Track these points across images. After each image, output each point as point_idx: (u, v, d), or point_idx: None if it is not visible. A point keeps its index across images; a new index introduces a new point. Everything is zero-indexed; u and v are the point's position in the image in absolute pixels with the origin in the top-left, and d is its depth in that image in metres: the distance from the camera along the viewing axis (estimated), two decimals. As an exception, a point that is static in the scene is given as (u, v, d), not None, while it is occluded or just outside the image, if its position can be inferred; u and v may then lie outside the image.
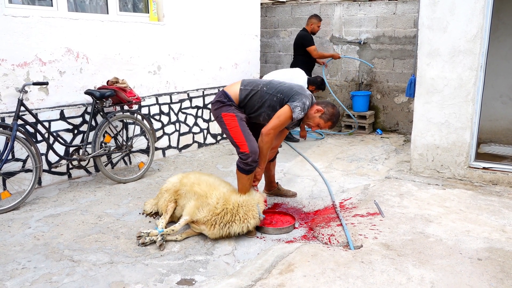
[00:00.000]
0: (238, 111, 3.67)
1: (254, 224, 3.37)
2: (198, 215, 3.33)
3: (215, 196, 3.37)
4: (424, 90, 4.78)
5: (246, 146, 3.54)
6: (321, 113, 3.62)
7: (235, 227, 3.30)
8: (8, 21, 4.08)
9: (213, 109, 3.75)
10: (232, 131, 3.60)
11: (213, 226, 3.29)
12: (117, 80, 4.78)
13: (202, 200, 3.37)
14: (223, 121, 3.64)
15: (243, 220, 3.32)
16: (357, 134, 7.31)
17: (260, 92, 3.66)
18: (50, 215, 3.81)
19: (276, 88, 3.66)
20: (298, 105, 3.50)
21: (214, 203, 3.33)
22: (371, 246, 3.21)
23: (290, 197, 4.32)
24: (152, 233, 3.29)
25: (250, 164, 3.54)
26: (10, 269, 2.90)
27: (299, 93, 3.58)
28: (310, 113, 3.63)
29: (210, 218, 3.29)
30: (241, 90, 3.70)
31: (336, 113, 3.66)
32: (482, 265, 2.94)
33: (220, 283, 2.73)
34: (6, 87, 4.12)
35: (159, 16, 5.53)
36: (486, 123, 6.06)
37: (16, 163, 4.24)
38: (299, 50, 6.78)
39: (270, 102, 3.62)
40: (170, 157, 5.78)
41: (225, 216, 3.29)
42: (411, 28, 7.07)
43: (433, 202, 4.09)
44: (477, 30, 4.41)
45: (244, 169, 3.55)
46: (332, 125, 3.69)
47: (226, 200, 3.35)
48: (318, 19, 6.77)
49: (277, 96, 3.61)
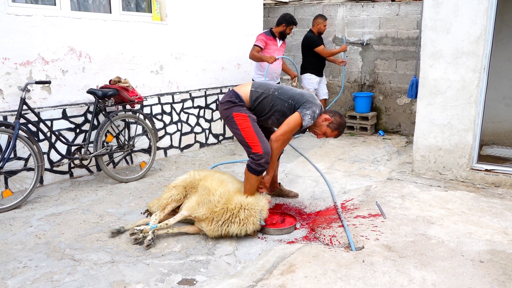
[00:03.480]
0: (250, 112, 3.66)
1: (252, 229, 3.34)
2: (198, 211, 3.32)
3: (219, 193, 3.35)
4: (426, 92, 4.76)
5: (259, 147, 3.52)
6: (329, 122, 3.66)
7: (233, 227, 3.28)
8: (11, 20, 4.09)
9: (223, 108, 3.70)
10: (245, 132, 3.57)
11: (211, 223, 3.28)
12: (120, 80, 4.78)
13: (204, 196, 3.36)
14: (235, 121, 3.60)
15: (242, 223, 3.29)
16: (359, 135, 7.30)
17: (271, 97, 3.65)
18: (51, 214, 3.81)
19: (287, 94, 3.67)
20: (308, 113, 3.52)
21: (216, 200, 3.32)
22: (372, 247, 3.20)
23: (292, 197, 4.31)
24: (145, 229, 3.28)
25: (262, 165, 3.52)
26: (11, 268, 2.91)
27: (310, 101, 3.60)
28: (318, 122, 3.66)
29: (208, 215, 3.29)
30: (251, 91, 3.67)
31: (343, 123, 3.73)
32: (484, 267, 2.93)
33: (221, 283, 2.73)
34: (8, 85, 4.13)
35: (162, 16, 5.53)
36: (489, 125, 6.04)
37: (18, 161, 4.24)
38: (307, 52, 6.76)
39: (280, 107, 3.63)
40: (171, 157, 5.78)
41: (224, 215, 3.28)
42: (414, 29, 7.06)
43: (435, 204, 4.07)
44: (480, 31, 4.40)
45: (255, 170, 3.52)
46: (338, 134, 3.76)
47: (228, 198, 3.34)
48: (323, 19, 6.73)
49: (289, 102, 3.62)
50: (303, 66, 6.89)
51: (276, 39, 5.91)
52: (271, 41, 5.86)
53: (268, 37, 5.84)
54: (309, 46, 6.64)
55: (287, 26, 5.86)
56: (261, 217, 3.36)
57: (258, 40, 5.82)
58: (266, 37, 5.83)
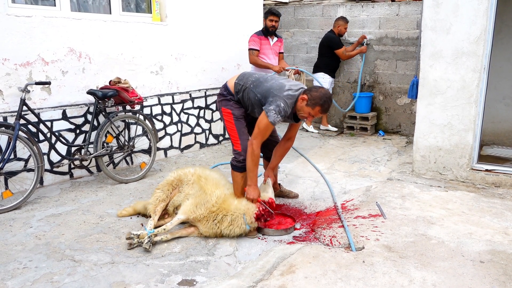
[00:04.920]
0: (236, 106, 3.68)
1: (239, 232, 3.35)
2: (196, 212, 3.33)
3: (216, 195, 3.38)
4: (427, 92, 4.76)
5: (239, 145, 3.63)
6: (307, 101, 3.41)
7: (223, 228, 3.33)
8: (11, 21, 4.08)
9: (217, 100, 3.83)
10: (228, 128, 3.71)
11: (207, 222, 3.31)
12: (120, 80, 4.78)
13: (201, 197, 3.38)
14: (223, 116, 3.75)
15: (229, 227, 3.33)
16: (359, 135, 7.30)
17: (247, 89, 3.61)
18: (51, 215, 3.81)
19: (260, 87, 3.55)
20: (271, 108, 3.36)
21: (213, 201, 3.35)
22: (372, 247, 3.20)
23: (292, 198, 4.31)
24: (142, 234, 3.23)
25: (241, 162, 3.58)
26: (11, 269, 2.91)
27: (274, 94, 3.42)
28: (298, 105, 3.46)
29: (206, 214, 3.32)
30: (235, 84, 3.69)
31: (322, 95, 3.40)
32: (485, 267, 2.92)
33: (221, 284, 2.72)
34: (8, 86, 4.13)
35: (162, 17, 5.53)
36: (489, 125, 6.03)
37: (18, 162, 4.24)
38: (325, 52, 6.92)
39: (254, 100, 3.58)
40: (172, 158, 5.78)
41: (217, 216, 3.32)
42: (414, 29, 7.05)
43: (435, 204, 4.07)
44: (480, 32, 4.39)
45: (236, 166, 3.65)
46: (322, 109, 3.43)
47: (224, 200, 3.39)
48: (345, 21, 6.89)
49: (258, 96, 3.54)
50: (317, 65, 7.04)
51: (268, 37, 5.89)
52: (263, 40, 5.85)
53: (259, 36, 5.83)
54: (330, 47, 6.86)
55: (266, 18, 5.83)
56: (245, 221, 3.35)
57: (252, 42, 5.78)
58: (258, 37, 5.83)
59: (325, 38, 7.02)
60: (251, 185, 3.52)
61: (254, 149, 3.44)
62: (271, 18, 5.76)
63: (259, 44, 5.79)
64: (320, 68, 7.14)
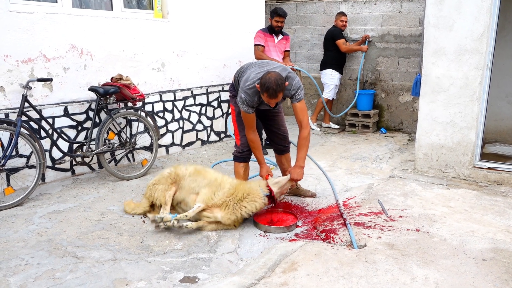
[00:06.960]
0: None
1: (259, 206, 3.52)
2: (215, 199, 3.45)
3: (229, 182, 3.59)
4: (429, 89, 4.75)
5: (238, 139, 4.02)
6: (259, 89, 3.49)
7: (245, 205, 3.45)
8: (12, 17, 4.08)
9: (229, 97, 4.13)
10: (233, 123, 4.06)
11: (227, 207, 3.42)
12: (121, 77, 4.77)
13: (215, 185, 3.54)
14: (231, 112, 4.10)
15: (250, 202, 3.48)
16: (361, 133, 7.29)
17: (238, 82, 3.87)
18: (53, 212, 3.81)
19: (241, 78, 3.79)
20: (238, 99, 3.68)
21: (229, 185, 3.53)
22: (375, 245, 3.19)
23: (310, 197, 4.26)
24: (166, 218, 3.36)
25: (240, 153, 4.02)
26: (13, 265, 2.91)
27: (240, 86, 3.70)
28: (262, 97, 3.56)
29: (225, 199, 3.44)
30: (234, 77, 3.99)
31: (265, 81, 3.37)
32: (487, 265, 2.92)
33: (223, 281, 2.72)
34: (10, 83, 4.12)
35: (164, 13, 5.51)
36: (492, 123, 6.01)
37: (20, 159, 4.24)
38: (329, 45, 7.15)
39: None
40: (173, 155, 5.77)
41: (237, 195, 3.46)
42: (417, 26, 7.02)
43: (438, 202, 4.06)
44: (483, 29, 4.37)
45: (236, 156, 4.06)
46: (269, 94, 3.39)
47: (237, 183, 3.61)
48: (341, 14, 7.13)
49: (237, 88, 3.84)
50: (324, 61, 7.22)
51: (273, 35, 5.91)
52: (268, 37, 5.88)
53: (265, 33, 5.87)
54: (332, 39, 7.05)
55: (272, 18, 5.85)
56: (263, 192, 3.57)
57: (257, 38, 5.82)
58: (264, 33, 5.86)
59: (328, 32, 7.24)
60: (260, 164, 3.92)
61: (248, 137, 3.82)
62: (276, 19, 5.81)
63: (264, 40, 5.81)
64: (327, 64, 7.21)
